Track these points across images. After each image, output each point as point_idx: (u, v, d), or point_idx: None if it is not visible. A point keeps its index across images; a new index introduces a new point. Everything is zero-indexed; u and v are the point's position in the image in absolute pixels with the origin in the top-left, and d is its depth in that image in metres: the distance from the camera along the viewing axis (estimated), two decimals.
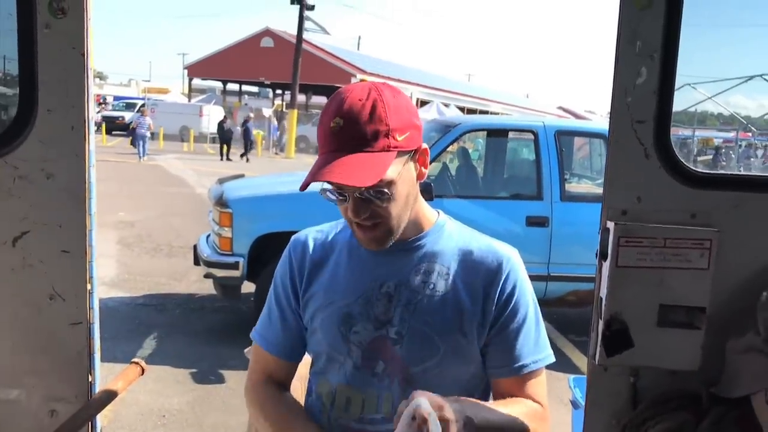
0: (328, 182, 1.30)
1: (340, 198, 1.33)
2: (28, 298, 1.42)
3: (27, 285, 1.41)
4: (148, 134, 22.69)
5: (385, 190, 1.30)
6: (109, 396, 1.47)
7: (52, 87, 1.36)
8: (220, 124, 25.56)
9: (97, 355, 1.50)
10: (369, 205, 1.31)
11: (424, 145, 1.38)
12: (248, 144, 25.20)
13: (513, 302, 1.41)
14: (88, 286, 1.44)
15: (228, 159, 23.87)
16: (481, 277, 1.40)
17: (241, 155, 24.63)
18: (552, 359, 1.45)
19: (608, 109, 1.38)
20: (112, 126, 31.47)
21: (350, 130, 1.27)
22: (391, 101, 1.31)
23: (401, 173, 1.32)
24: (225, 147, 24.71)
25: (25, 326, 1.43)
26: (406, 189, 1.35)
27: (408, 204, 1.37)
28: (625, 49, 1.32)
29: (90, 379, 1.48)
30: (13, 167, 1.37)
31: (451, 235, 1.45)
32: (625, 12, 1.32)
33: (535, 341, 1.42)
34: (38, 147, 1.37)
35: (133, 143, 22.82)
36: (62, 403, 1.46)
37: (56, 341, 1.44)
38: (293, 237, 1.53)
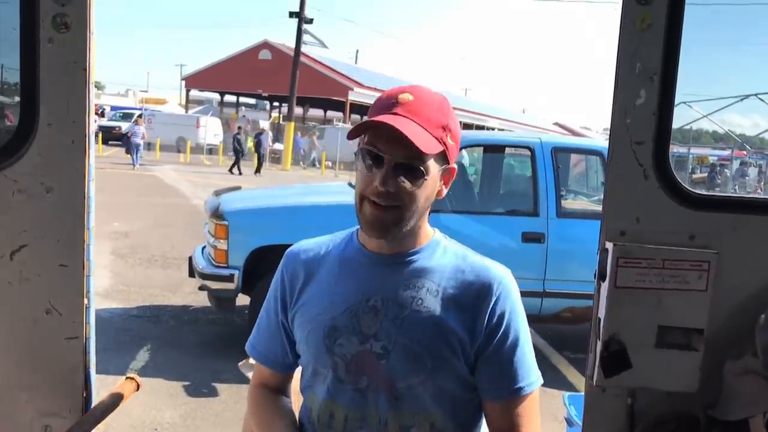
0: (377, 139, 1.30)
1: (376, 162, 1.31)
2: (25, 312, 1.41)
3: (23, 299, 1.41)
4: (142, 143, 23.67)
5: (422, 169, 1.31)
6: (104, 411, 1.45)
7: (53, 101, 1.36)
8: (236, 137, 25.19)
9: (93, 371, 1.49)
10: (399, 181, 1.31)
11: (454, 166, 1.40)
12: (260, 157, 24.90)
13: (505, 324, 1.38)
14: (85, 301, 1.44)
15: (240, 173, 23.42)
16: (472, 297, 1.38)
17: (255, 171, 24.21)
18: (541, 382, 1.42)
19: (604, 125, 1.39)
20: (109, 136, 31.44)
21: (418, 105, 1.31)
22: (453, 114, 1.37)
23: (434, 174, 1.34)
24: (238, 160, 24.34)
25: (20, 340, 1.42)
26: (430, 192, 1.36)
27: (423, 208, 1.37)
28: (625, 71, 1.33)
29: (85, 394, 1.47)
30: (12, 181, 1.37)
31: (445, 253, 1.44)
32: (625, 34, 1.33)
33: (528, 364, 1.40)
34: (38, 161, 1.37)
35: (127, 152, 23.65)
36: (56, 419, 1.45)
37: (51, 356, 1.43)
38: (287, 250, 1.53)
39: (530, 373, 1.40)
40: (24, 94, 1.35)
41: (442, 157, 1.35)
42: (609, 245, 1.36)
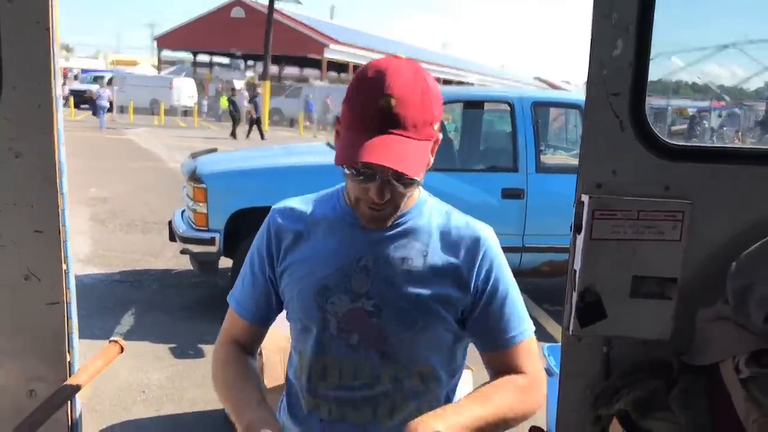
0: (364, 166, 1.27)
1: (368, 178, 1.30)
2: (3, 279, 1.40)
3: (0, 266, 1.39)
4: (107, 105, 24.48)
5: (417, 179, 1.30)
6: (89, 375, 1.46)
7: (16, 64, 1.32)
8: (230, 100, 24.56)
9: (75, 335, 1.49)
10: (393, 189, 1.31)
11: (440, 135, 1.38)
12: (259, 120, 23.98)
13: (493, 278, 1.43)
14: (64, 266, 1.43)
15: (234, 137, 22.74)
16: (459, 255, 1.42)
17: (247, 132, 23.41)
18: (533, 328, 1.48)
19: (584, 79, 1.39)
20: (81, 100, 30.83)
21: (401, 112, 1.24)
22: (434, 88, 1.30)
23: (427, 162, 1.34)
24: (234, 123, 23.64)
25: (0, 307, 1.41)
26: (422, 177, 1.37)
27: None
28: (601, 22, 1.33)
29: (69, 359, 1.47)
30: None
31: (431, 213, 1.46)
32: None
33: (519, 313, 1.45)
34: (5, 125, 1.34)
35: (94, 114, 24.33)
36: (41, 383, 1.45)
37: (33, 322, 1.43)
38: (273, 207, 1.53)
39: (522, 322, 1.45)
40: None
41: (433, 142, 1.34)
42: (585, 198, 1.37)
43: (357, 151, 1.23)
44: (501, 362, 1.44)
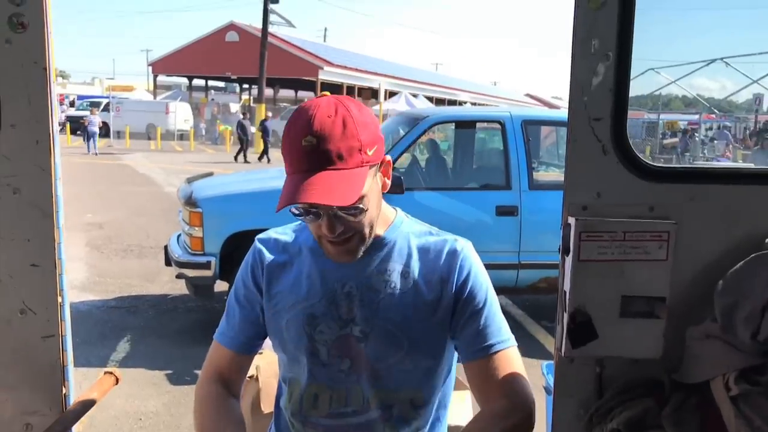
0: (306, 207, 1.29)
1: (314, 216, 1.32)
2: None
3: None
4: (97, 131, 25.20)
5: (360, 206, 1.31)
6: (84, 407, 1.47)
7: (14, 102, 1.35)
8: (240, 123, 24.34)
9: (71, 367, 1.50)
10: (342, 220, 1.33)
11: (388, 157, 1.41)
12: (266, 143, 23.96)
13: (469, 288, 1.44)
14: (59, 299, 1.44)
15: (246, 161, 22.55)
16: (438, 273, 1.44)
17: (259, 158, 23.22)
18: (514, 342, 1.47)
19: None
20: (77, 126, 30.93)
21: (323, 147, 1.26)
22: (359, 116, 1.31)
23: (371, 186, 1.34)
24: (243, 148, 23.45)
25: None
26: (376, 200, 1.38)
27: (377, 213, 1.40)
28: (581, 49, 1.36)
29: (64, 391, 1.48)
30: None
31: (409, 233, 1.48)
32: (580, 12, 1.35)
33: (498, 325, 1.46)
34: (3, 163, 1.37)
35: (85, 139, 24.94)
36: (37, 416, 1.46)
37: (28, 355, 1.44)
38: (257, 238, 1.55)
39: (501, 333, 1.45)
40: None
41: (372, 165, 1.34)
42: (571, 220, 1.39)
43: (289, 195, 1.26)
44: (482, 374, 1.43)
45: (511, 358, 1.45)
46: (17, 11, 1.32)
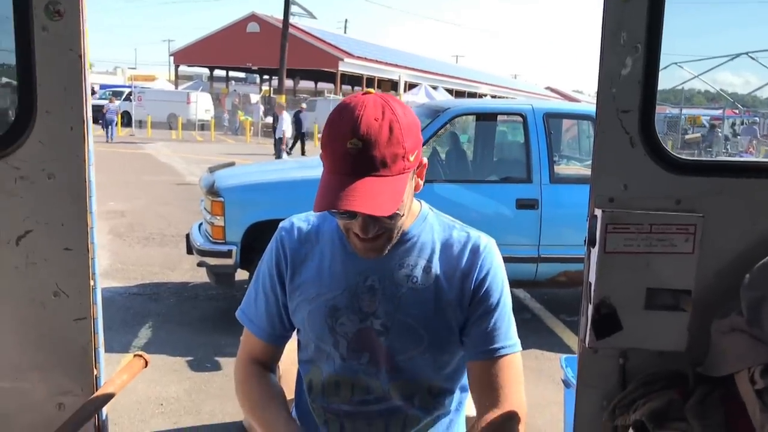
0: (344, 210, 1.26)
1: (349, 216, 1.31)
2: (33, 296, 1.45)
3: (31, 282, 1.44)
4: (115, 118, 25.90)
5: (398, 211, 1.31)
6: (115, 388, 1.50)
7: (50, 89, 1.38)
8: (296, 115, 23.27)
9: (101, 350, 1.53)
10: (377, 223, 1.32)
11: (425, 160, 1.39)
12: (303, 136, 23.23)
13: (486, 287, 1.43)
14: (91, 282, 1.47)
15: (289, 153, 21.09)
16: (459, 268, 1.44)
17: (289, 149, 21.70)
18: (519, 348, 1.46)
19: (596, 88, 1.42)
20: (98, 115, 31.26)
21: (369, 153, 1.24)
22: (404, 120, 1.28)
23: (408, 190, 1.33)
24: (301, 142, 22.74)
25: (30, 323, 1.46)
26: (410, 202, 1.38)
27: (408, 214, 1.40)
28: (610, 40, 1.36)
29: (95, 373, 1.51)
30: (14, 168, 1.40)
31: (432, 228, 1.48)
32: (609, 4, 1.35)
33: (506, 328, 1.45)
34: (38, 148, 1.40)
35: (103, 127, 25.33)
36: (69, 397, 1.50)
37: (61, 337, 1.48)
38: (280, 225, 1.55)
39: (508, 337, 1.44)
40: (21, 83, 1.37)
41: (410, 172, 1.33)
42: (598, 212, 1.40)
43: (331, 198, 1.24)
44: (484, 375, 1.42)
45: (513, 364, 1.43)
46: None
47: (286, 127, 18.55)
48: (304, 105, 25.23)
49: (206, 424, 4.05)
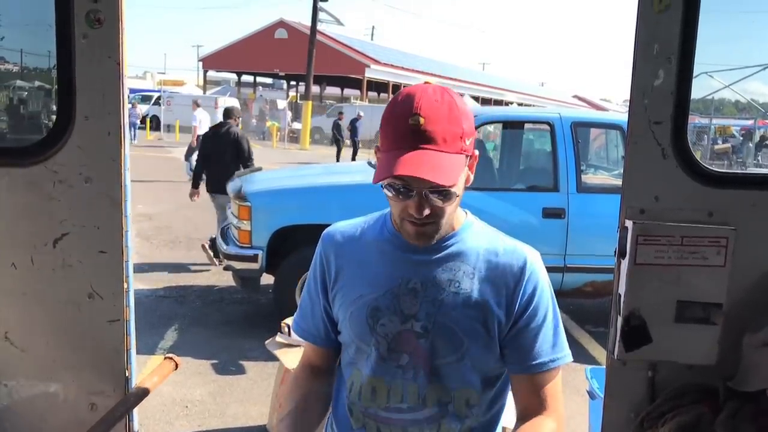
0: (403, 177, 1.31)
1: (406, 193, 1.34)
2: (68, 297, 1.48)
3: (67, 284, 1.48)
4: (137, 122, 26.88)
5: (452, 191, 1.34)
6: (146, 390, 1.53)
7: (89, 95, 1.41)
8: (336, 123, 23.77)
9: (134, 351, 1.56)
10: (431, 203, 1.34)
11: (476, 152, 1.42)
12: (356, 144, 23.77)
13: (534, 303, 1.44)
14: (125, 285, 1.50)
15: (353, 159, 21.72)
16: (505, 278, 1.44)
17: (352, 158, 22.33)
18: (569, 359, 1.47)
19: (624, 97, 1.42)
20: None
21: (430, 127, 1.29)
22: (462, 106, 1.34)
23: (462, 180, 1.37)
24: (339, 149, 23.06)
25: (65, 324, 1.49)
26: (461, 191, 1.40)
27: (458, 205, 1.42)
28: (643, 51, 1.35)
29: (127, 374, 1.54)
30: (53, 172, 1.43)
31: (478, 236, 1.49)
32: (643, 14, 1.35)
33: (553, 342, 1.45)
34: (77, 152, 1.43)
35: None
36: (101, 397, 1.53)
37: (95, 338, 1.51)
38: (324, 232, 1.58)
39: (557, 350, 1.45)
40: (61, 89, 1.41)
41: (465, 156, 1.37)
42: (629, 223, 1.39)
43: (391, 167, 1.29)
44: (527, 389, 1.44)
45: (555, 378, 1.45)
46: (94, 7, 1.38)
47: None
48: (361, 114, 24.81)
49: (231, 427, 4.09)
